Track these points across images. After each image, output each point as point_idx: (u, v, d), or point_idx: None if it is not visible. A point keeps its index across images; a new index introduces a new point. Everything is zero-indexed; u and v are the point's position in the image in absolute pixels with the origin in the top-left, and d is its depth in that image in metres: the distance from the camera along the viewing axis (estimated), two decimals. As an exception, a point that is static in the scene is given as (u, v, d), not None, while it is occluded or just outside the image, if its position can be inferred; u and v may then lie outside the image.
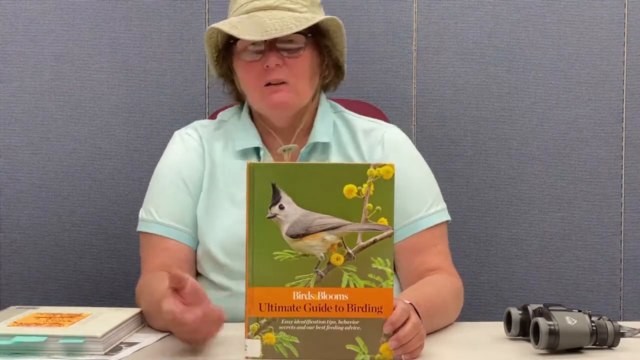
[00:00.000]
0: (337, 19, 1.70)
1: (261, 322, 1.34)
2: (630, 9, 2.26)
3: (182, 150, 1.76)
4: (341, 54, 1.76)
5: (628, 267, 2.30)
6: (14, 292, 2.25)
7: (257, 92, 1.69)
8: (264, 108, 1.72)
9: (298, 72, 1.68)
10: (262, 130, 1.76)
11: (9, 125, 2.24)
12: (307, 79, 1.70)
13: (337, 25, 1.71)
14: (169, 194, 1.72)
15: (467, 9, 2.26)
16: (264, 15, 1.66)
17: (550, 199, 2.28)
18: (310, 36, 1.69)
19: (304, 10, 1.69)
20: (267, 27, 1.63)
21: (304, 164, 1.66)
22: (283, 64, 1.66)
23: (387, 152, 1.74)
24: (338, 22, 1.71)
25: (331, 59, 1.75)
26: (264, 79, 1.67)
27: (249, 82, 1.71)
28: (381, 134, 1.76)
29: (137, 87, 2.25)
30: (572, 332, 1.40)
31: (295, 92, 1.68)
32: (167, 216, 1.71)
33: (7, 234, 2.25)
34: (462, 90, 2.27)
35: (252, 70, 1.68)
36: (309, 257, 1.34)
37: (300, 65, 1.68)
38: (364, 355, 1.34)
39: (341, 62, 1.78)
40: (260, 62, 1.67)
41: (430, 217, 1.71)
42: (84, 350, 1.37)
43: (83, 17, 2.24)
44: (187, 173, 1.73)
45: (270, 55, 1.66)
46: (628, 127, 2.28)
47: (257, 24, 1.64)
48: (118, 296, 2.24)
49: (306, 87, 1.70)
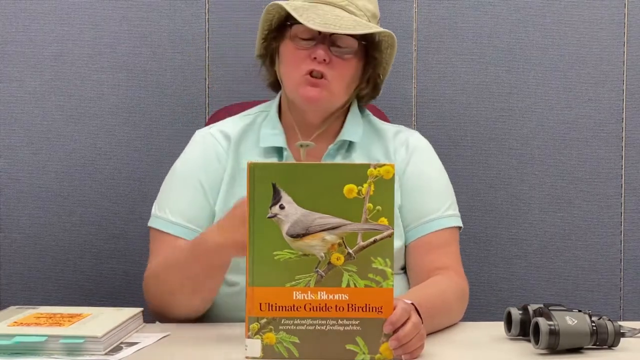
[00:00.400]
0: (392, 34, 1.72)
1: (261, 321, 1.34)
2: (630, 9, 2.26)
3: (201, 150, 1.76)
4: (385, 70, 1.78)
5: (628, 267, 2.30)
6: (14, 292, 2.25)
7: (296, 78, 1.69)
8: (297, 98, 1.71)
9: (339, 73, 1.69)
10: (288, 129, 1.76)
11: (9, 125, 2.24)
12: (345, 84, 1.71)
13: (392, 41, 1.73)
14: (183, 193, 1.73)
15: (467, 9, 2.26)
16: (328, 9, 1.67)
17: (550, 199, 2.28)
18: (364, 44, 1.70)
19: (365, 19, 1.71)
20: (329, 21, 1.64)
21: (304, 164, 1.66)
22: (329, 61, 1.67)
23: (410, 153, 1.77)
24: (394, 39, 1.73)
25: (374, 72, 1.76)
26: (308, 65, 1.67)
27: (292, 66, 1.70)
28: (406, 136, 1.80)
29: (137, 87, 2.25)
30: (572, 332, 1.40)
31: (329, 90, 1.69)
32: (181, 216, 1.71)
33: (7, 234, 2.25)
34: (462, 90, 2.27)
35: (298, 55, 1.69)
36: (309, 257, 1.34)
37: (343, 67, 1.69)
38: (364, 355, 1.34)
39: (380, 80, 1.79)
40: (308, 51, 1.67)
41: (447, 219, 1.73)
42: (84, 350, 1.37)
43: (83, 17, 2.24)
44: (204, 174, 1.73)
45: (321, 48, 1.66)
46: (628, 127, 2.28)
47: (319, 15, 1.65)
48: (118, 296, 2.24)
49: (342, 90, 1.71)
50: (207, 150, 1.76)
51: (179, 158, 1.79)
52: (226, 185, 1.73)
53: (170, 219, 1.71)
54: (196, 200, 1.72)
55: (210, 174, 1.74)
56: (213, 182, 1.73)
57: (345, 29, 1.64)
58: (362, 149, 1.76)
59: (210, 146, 1.76)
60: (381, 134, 1.80)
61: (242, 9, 2.22)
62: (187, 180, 1.74)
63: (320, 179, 1.34)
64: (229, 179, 1.73)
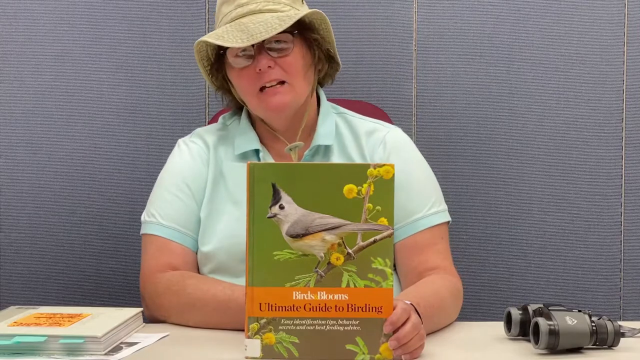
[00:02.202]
0: (319, 11, 1.71)
1: (261, 322, 1.34)
2: (630, 9, 2.26)
3: (187, 156, 1.77)
4: (331, 45, 1.76)
5: (628, 267, 2.30)
6: (14, 292, 2.25)
7: (254, 97, 1.70)
8: (262, 113, 1.72)
9: (292, 70, 1.68)
10: (265, 132, 1.77)
11: (9, 125, 2.24)
12: (302, 76, 1.70)
13: (321, 17, 1.72)
14: (173, 198, 1.73)
15: (467, 9, 2.26)
16: (248, 20, 1.67)
17: (550, 199, 2.28)
18: (296, 33, 1.69)
19: (287, 9, 1.70)
20: (252, 32, 1.64)
21: (304, 163, 1.66)
22: (275, 64, 1.67)
23: (389, 152, 1.74)
24: (321, 15, 1.71)
25: (322, 51, 1.75)
26: (258, 83, 1.68)
27: (244, 89, 1.71)
28: (383, 135, 1.77)
29: (137, 87, 2.25)
30: (572, 332, 1.40)
31: (292, 90, 1.69)
32: (171, 219, 1.71)
33: (7, 234, 2.25)
34: (462, 90, 2.27)
35: (245, 77, 1.69)
36: (309, 257, 1.34)
37: (292, 63, 1.68)
38: (364, 355, 1.34)
39: (333, 53, 1.78)
40: (252, 67, 1.67)
41: (431, 217, 1.72)
42: (84, 350, 1.37)
43: (83, 17, 2.24)
44: (191, 178, 1.74)
45: (261, 59, 1.66)
46: (628, 127, 2.28)
47: (242, 30, 1.65)
48: (118, 296, 2.24)
49: (302, 83, 1.71)
50: (192, 155, 1.77)
51: (164, 167, 1.79)
52: (209, 191, 1.74)
53: (161, 222, 1.71)
54: (185, 204, 1.73)
55: (197, 178, 1.75)
56: (199, 186, 1.74)
57: (271, 30, 1.63)
58: (339, 150, 1.76)
59: (195, 152, 1.77)
60: (356, 134, 1.78)
61: (242, 9, 2.22)
62: (175, 185, 1.74)
63: (320, 179, 1.34)
64: (212, 185, 1.74)
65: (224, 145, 1.78)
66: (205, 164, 1.76)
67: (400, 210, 1.68)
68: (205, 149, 1.77)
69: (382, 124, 1.82)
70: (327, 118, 1.77)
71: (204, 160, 1.76)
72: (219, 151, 1.77)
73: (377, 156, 1.74)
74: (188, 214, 1.72)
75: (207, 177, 1.75)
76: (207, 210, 1.72)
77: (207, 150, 1.77)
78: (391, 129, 1.80)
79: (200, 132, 1.82)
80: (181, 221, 1.71)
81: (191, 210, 1.73)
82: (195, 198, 1.73)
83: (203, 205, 1.73)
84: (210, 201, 1.73)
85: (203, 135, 1.80)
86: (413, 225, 1.70)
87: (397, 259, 1.71)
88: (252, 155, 1.75)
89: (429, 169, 1.79)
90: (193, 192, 1.74)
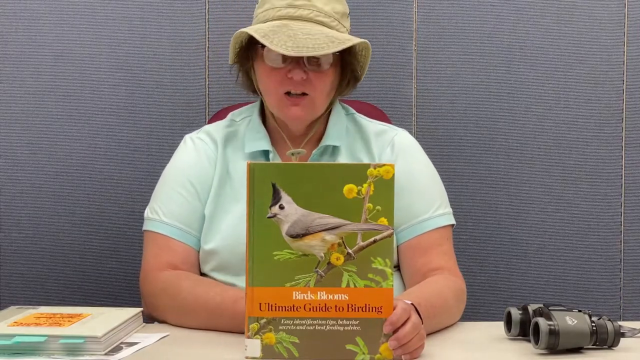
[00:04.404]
0: (368, 42, 1.70)
1: (261, 322, 1.34)
2: (630, 9, 2.26)
3: (193, 153, 1.77)
4: (363, 71, 1.77)
5: (628, 267, 2.30)
6: (14, 292, 2.25)
7: (276, 98, 1.69)
8: (280, 115, 1.72)
9: (319, 87, 1.68)
10: (273, 131, 1.77)
11: (9, 125, 2.24)
12: (326, 93, 1.70)
13: (366, 47, 1.71)
14: (176, 195, 1.73)
15: (467, 9, 2.26)
16: (296, 27, 1.64)
17: (550, 199, 2.28)
18: (338, 54, 1.69)
19: (335, 24, 1.69)
20: (300, 43, 1.61)
21: (305, 164, 1.66)
22: (307, 77, 1.66)
23: (397, 153, 1.75)
24: (368, 45, 1.71)
25: (352, 75, 1.76)
26: (285, 87, 1.67)
27: (269, 87, 1.70)
28: (391, 136, 1.78)
29: (137, 87, 2.25)
30: (572, 332, 1.40)
31: (312, 106, 1.69)
32: (174, 217, 1.71)
33: (7, 234, 2.25)
34: (462, 90, 2.27)
35: (274, 77, 1.67)
36: (309, 257, 1.34)
37: (322, 80, 1.68)
38: (363, 355, 1.34)
39: (359, 76, 1.78)
40: (284, 71, 1.66)
41: (437, 219, 1.72)
42: (84, 350, 1.37)
43: (83, 17, 2.24)
44: (196, 176, 1.74)
45: (297, 69, 1.65)
46: (628, 127, 2.28)
47: (290, 37, 1.62)
48: (118, 296, 2.24)
49: (323, 100, 1.71)
50: (198, 152, 1.76)
51: (169, 163, 1.79)
52: (215, 189, 1.73)
53: (163, 219, 1.71)
54: (188, 202, 1.72)
55: (202, 176, 1.74)
56: (204, 184, 1.73)
57: (319, 49, 1.61)
58: (346, 151, 1.76)
59: (201, 149, 1.77)
60: (365, 135, 1.78)
61: (242, 9, 2.22)
62: (179, 183, 1.74)
63: (320, 179, 1.34)
64: (218, 183, 1.73)
65: (233, 143, 1.77)
66: (212, 162, 1.75)
67: (406, 211, 1.68)
68: (213, 146, 1.77)
69: (390, 126, 1.83)
70: (338, 121, 1.78)
71: (211, 157, 1.76)
72: (227, 149, 1.76)
73: (385, 157, 1.75)
74: (191, 211, 1.72)
75: (213, 174, 1.74)
76: (212, 208, 1.72)
77: (215, 147, 1.76)
78: (399, 132, 1.81)
79: (208, 129, 1.81)
80: (184, 219, 1.71)
81: (194, 208, 1.72)
82: (199, 196, 1.73)
83: (208, 202, 1.72)
84: (215, 199, 1.72)
85: (211, 132, 1.79)
86: (419, 226, 1.71)
87: (402, 259, 1.71)
88: (261, 156, 1.74)
89: (436, 172, 1.80)
90: (197, 189, 1.73)
